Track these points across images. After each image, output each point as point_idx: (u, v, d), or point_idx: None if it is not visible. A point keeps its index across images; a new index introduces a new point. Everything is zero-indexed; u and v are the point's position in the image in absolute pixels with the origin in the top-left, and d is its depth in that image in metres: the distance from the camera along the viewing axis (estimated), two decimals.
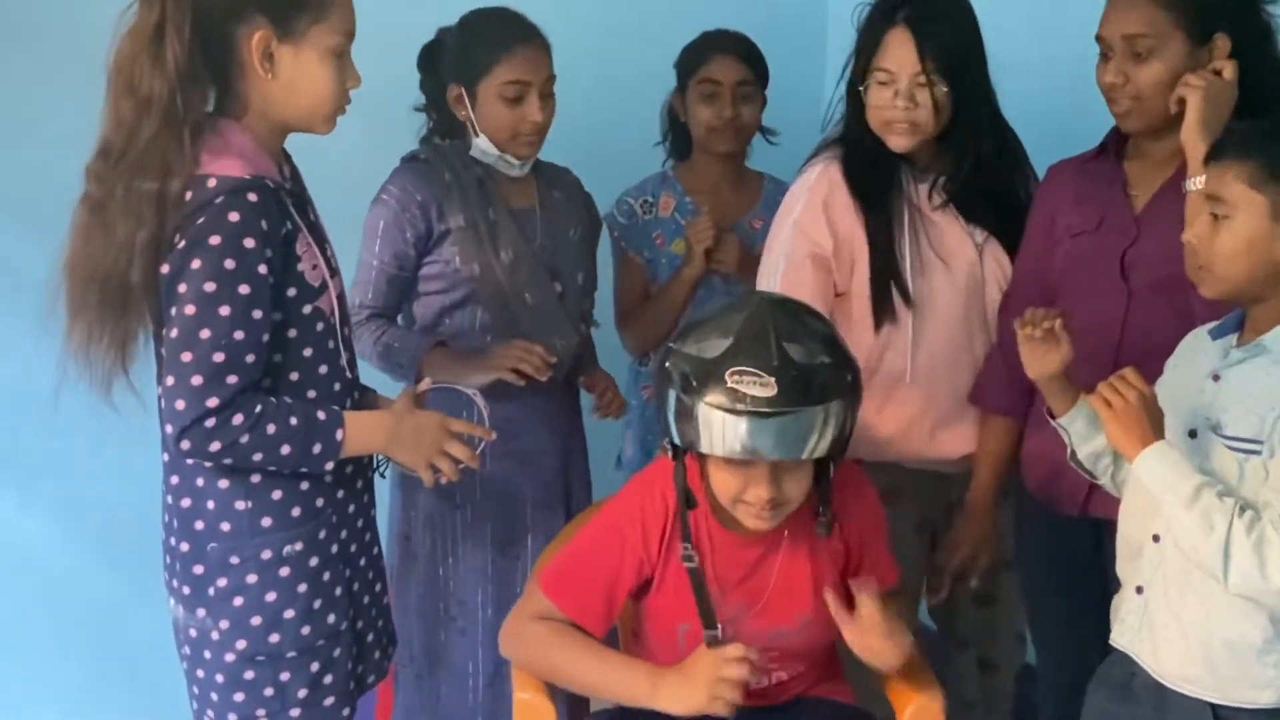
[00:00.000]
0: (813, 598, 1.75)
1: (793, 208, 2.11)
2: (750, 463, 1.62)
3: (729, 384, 1.58)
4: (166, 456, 1.68)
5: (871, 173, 2.07)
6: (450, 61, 2.19)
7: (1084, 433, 1.76)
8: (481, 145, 2.17)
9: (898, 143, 2.03)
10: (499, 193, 2.19)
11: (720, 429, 1.59)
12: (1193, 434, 1.64)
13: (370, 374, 1.96)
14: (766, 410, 1.57)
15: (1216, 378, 1.64)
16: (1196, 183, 1.70)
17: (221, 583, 1.64)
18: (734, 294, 2.28)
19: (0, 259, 2.26)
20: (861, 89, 2.04)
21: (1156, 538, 1.66)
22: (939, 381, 2.10)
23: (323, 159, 1.80)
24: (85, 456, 2.27)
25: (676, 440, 1.67)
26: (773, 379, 1.58)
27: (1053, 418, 1.79)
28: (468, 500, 2.20)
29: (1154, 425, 1.58)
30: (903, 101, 1.98)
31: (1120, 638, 1.73)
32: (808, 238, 2.08)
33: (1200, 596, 1.61)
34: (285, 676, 1.66)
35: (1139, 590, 1.70)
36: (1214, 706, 1.63)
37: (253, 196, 1.56)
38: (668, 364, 1.67)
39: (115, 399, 1.61)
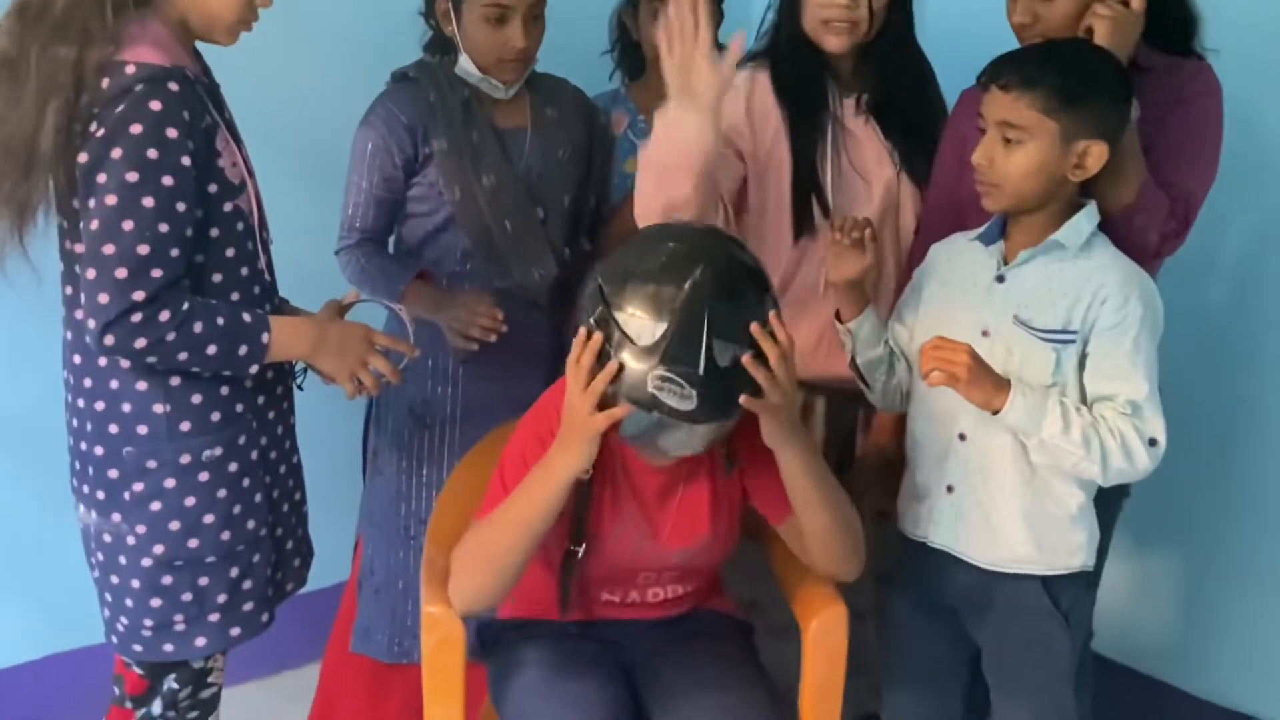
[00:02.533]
0: (711, 522, 1.77)
1: None
2: None
3: (649, 387, 1.51)
4: (78, 359, 1.62)
5: (800, 79, 2.10)
6: None
7: (868, 339, 1.88)
8: (465, 66, 2.11)
9: (834, 43, 2.04)
10: (486, 114, 2.13)
11: (634, 415, 1.55)
12: (986, 333, 1.77)
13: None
14: (682, 419, 1.53)
15: (1001, 279, 1.77)
16: None
17: (138, 487, 1.61)
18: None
19: None
20: None
21: (963, 436, 1.79)
22: None
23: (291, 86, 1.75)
24: None
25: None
26: (694, 392, 1.51)
27: (841, 322, 1.90)
28: (437, 420, 2.19)
29: (988, 373, 1.69)
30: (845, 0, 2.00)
31: (936, 536, 1.85)
32: (727, 137, 2.02)
33: (1019, 481, 1.76)
34: (204, 581, 1.64)
35: (949, 489, 1.83)
36: (1043, 580, 1.78)
37: (174, 86, 1.51)
38: (595, 316, 1.56)
39: (7, 271, 1.56)
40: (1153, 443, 1.69)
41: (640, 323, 1.53)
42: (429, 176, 2.11)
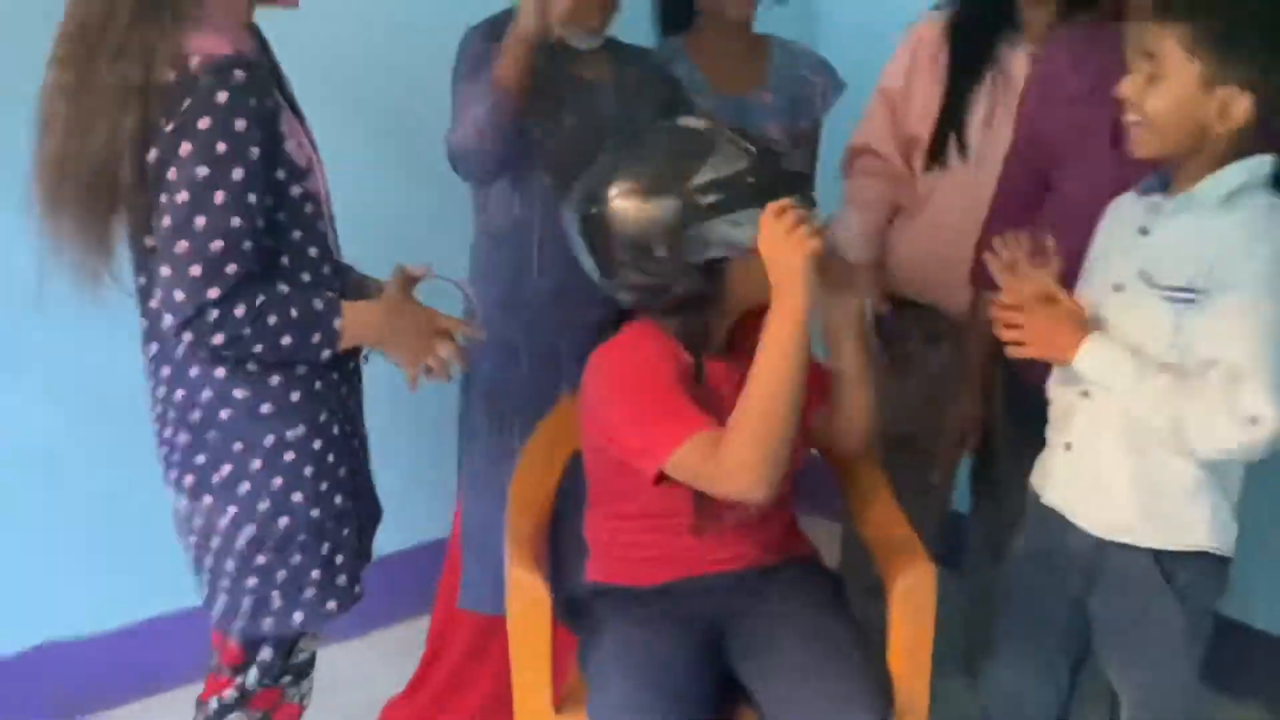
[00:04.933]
0: None
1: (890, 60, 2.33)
2: None
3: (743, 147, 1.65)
4: (154, 347, 1.64)
5: (977, 27, 2.17)
6: None
7: None
8: None
9: None
10: (568, 62, 2.09)
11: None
12: (1118, 288, 1.67)
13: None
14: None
15: (1145, 231, 1.66)
16: None
17: (225, 470, 1.63)
18: None
19: None
20: None
21: (1086, 393, 1.70)
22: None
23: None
24: (72, 339, 2.23)
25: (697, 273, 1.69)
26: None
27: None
28: (521, 376, 2.17)
29: (1062, 324, 1.63)
30: None
31: (1051, 494, 1.78)
32: (889, 79, 2.30)
33: (1133, 445, 1.65)
34: (297, 559, 1.67)
35: (1068, 447, 1.75)
36: (1155, 553, 1.68)
37: (239, 74, 1.50)
38: (633, 227, 1.67)
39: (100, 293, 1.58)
40: (1254, 421, 1.52)
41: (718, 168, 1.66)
42: None
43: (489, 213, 2.19)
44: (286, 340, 1.56)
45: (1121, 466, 1.67)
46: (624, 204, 1.69)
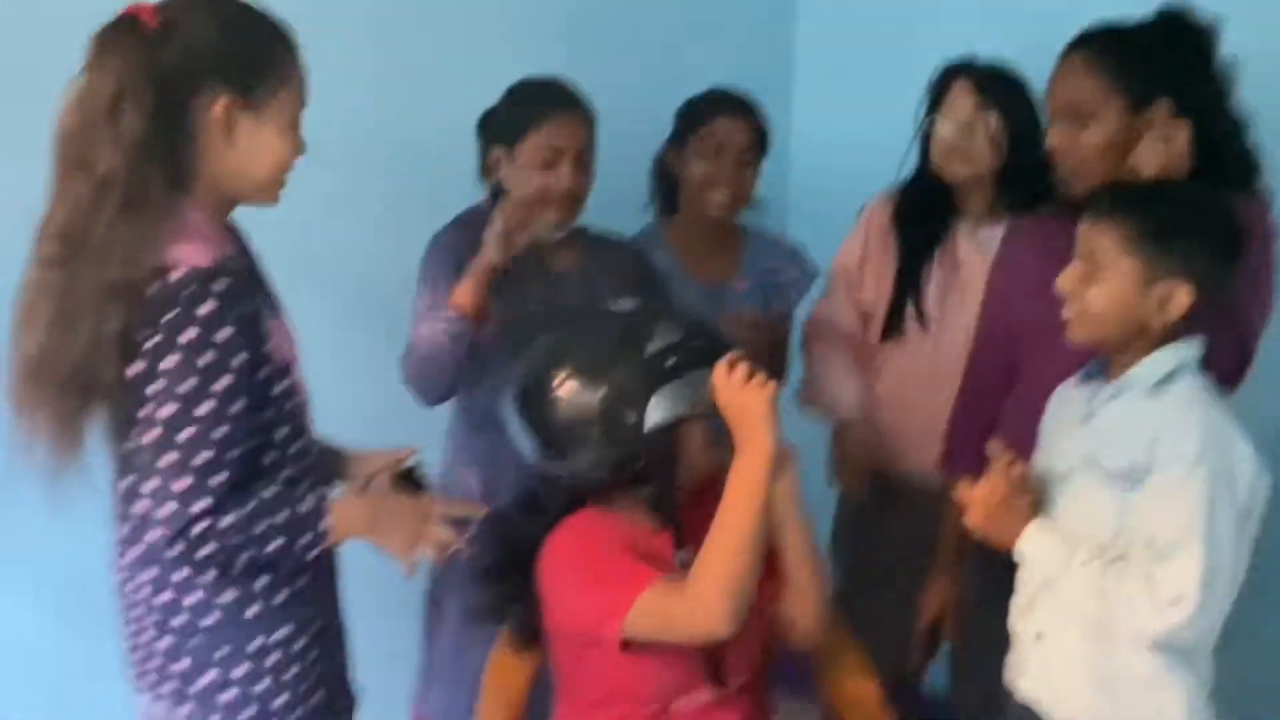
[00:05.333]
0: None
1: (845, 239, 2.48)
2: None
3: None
4: (135, 552, 1.61)
5: (922, 209, 2.34)
6: (494, 126, 2.19)
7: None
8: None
9: (953, 173, 2.29)
10: (537, 256, 2.15)
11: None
12: (1064, 476, 1.72)
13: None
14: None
15: (1088, 418, 1.71)
16: None
17: (208, 677, 1.60)
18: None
19: None
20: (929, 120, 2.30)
21: (1048, 580, 1.70)
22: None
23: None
24: (41, 529, 2.18)
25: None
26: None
27: None
28: None
29: (1013, 511, 1.67)
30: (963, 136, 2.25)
31: (1025, 688, 1.77)
32: (844, 255, 2.46)
33: (1093, 633, 1.65)
34: None
35: (1039, 637, 1.75)
36: None
37: (221, 284, 1.49)
38: (597, 400, 1.68)
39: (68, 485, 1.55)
40: (1175, 601, 1.52)
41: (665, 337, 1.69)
42: None
43: (459, 395, 2.21)
44: (274, 545, 1.55)
45: (1084, 658, 1.67)
46: (582, 380, 1.69)
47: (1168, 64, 1.83)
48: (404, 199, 2.51)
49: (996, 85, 2.29)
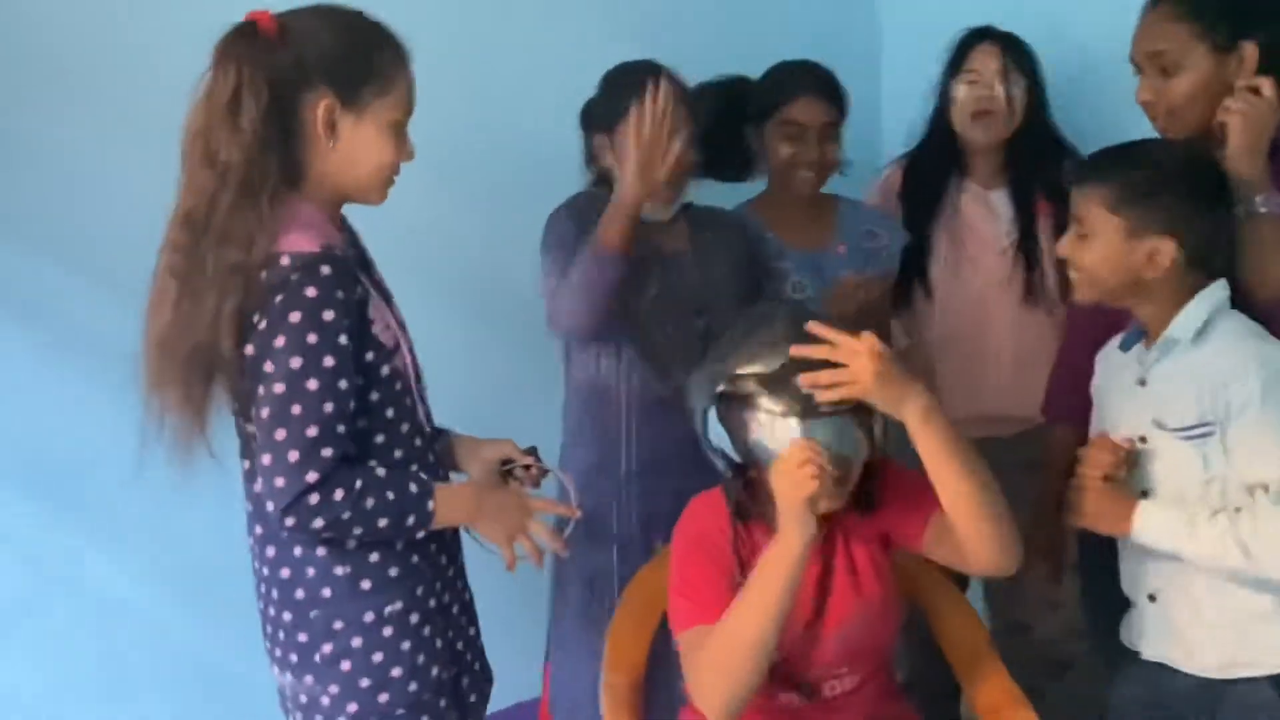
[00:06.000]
0: (873, 586, 1.79)
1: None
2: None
3: (801, 392, 1.65)
4: (259, 529, 1.70)
5: (931, 172, 2.37)
6: (594, 114, 2.24)
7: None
8: None
9: (979, 135, 2.30)
10: (648, 238, 2.17)
11: (783, 433, 1.67)
12: (1142, 440, 1.74)
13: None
14: (830, 411, 1.65)
15: (1143, 382, 1.76)
16: (1254, 204, 1.77)
17: (327, 648, 1.67)
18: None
19: (81, 322, 2.29)
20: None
21: (1174, 552, 1.70)
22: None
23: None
24: (176, 515, 2.30)
25: (735, 457, 1.76)
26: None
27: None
28: (616, 538, 2.22)
29: (1113, 498, 1.70)
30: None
31: (1149, 649, 1.79)
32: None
33: (1217, 584, 1.69)
34: None
35: (1152, 599, 1.77)
36: (1272, 679, 1.70)
37: (326, 269, 1.57)
38: (722, 386, 1.74)
39: (196, 464, 1.64)
40: None
41: (759, 362, 1.70)
42: None
43: (573, 375, 2.25)
44: (383, 522, 1.61)
45: (1212, 607, 1.71)
46: (707, 367, 1.80)
47: (1250, 4, 1.85)
48: (504, 198, 2.60)
49: (1019, 51, 2.38)
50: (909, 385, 1.61)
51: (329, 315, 1.57)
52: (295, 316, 1.56)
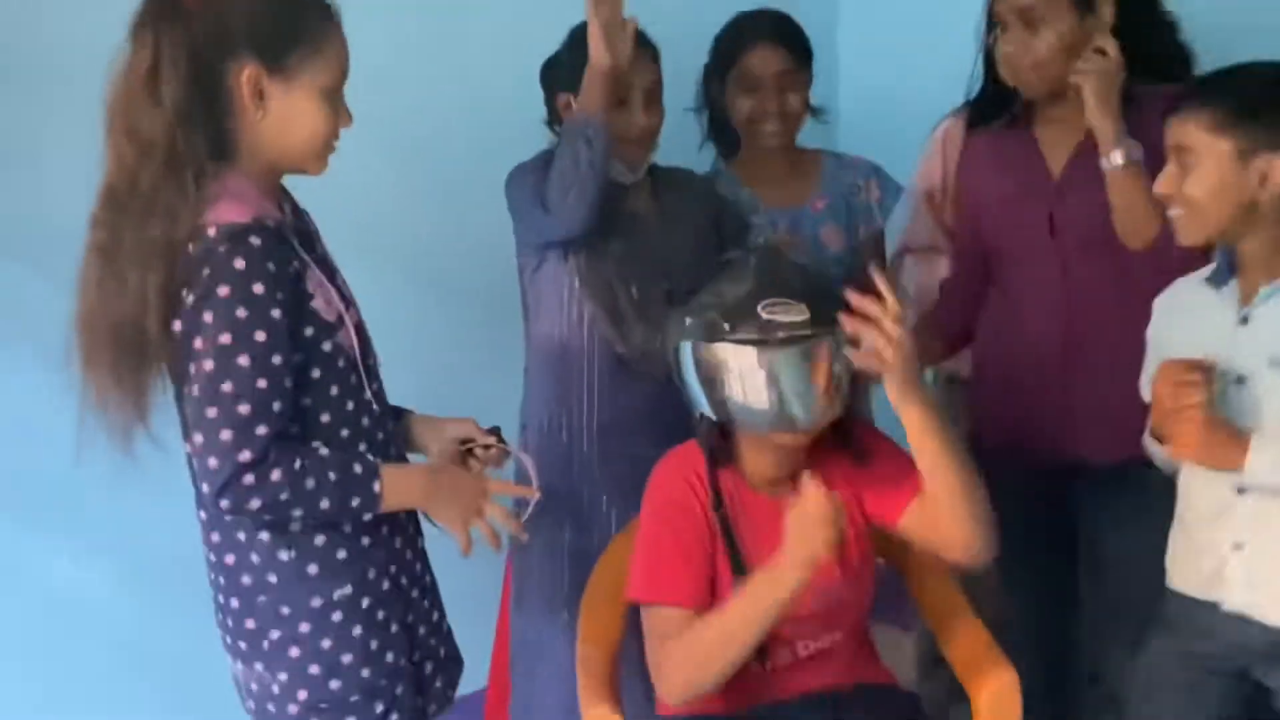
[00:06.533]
0: (852, 546, 1.76)
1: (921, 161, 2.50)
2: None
3: (761, 318, 1.66)
4: (204, 514, 1.65)
5: (988, 121, 2.25)
6: (559, 71, 2.18)
7: None
8: None
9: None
10: (614, 199, 2.13)
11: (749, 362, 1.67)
12: (1240, 380, 1.65)
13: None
14: (799, 329, 1.65)
15: (1245, 320, 1.65)
16: (1114, 158, 1.89)
17: (275, 635, 1.61)
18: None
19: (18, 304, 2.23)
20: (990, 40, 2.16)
21: (1242, 489, 1.64)
22: None
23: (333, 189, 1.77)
24: (125, 500, 2.24)
25: (706, 410, 1.74)
26: (801, 303, 1.67)
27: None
28: (574, 509, 2.18)
29: (1221, 431, 1.61)
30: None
31: (1232, 598, 1.70)
32: (925, 180, 2.47)
33: None
34: None
35: (1237, 547, 1.68)
36: None
37: (255, 240, 1.51)
38: (690, 319, 1.73)
39: (137, 450, 1.58)
40: None
41: (727, 294, 1.70)
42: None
43: (536, 332, 2.21)
44: (325, 504, 1.55)
45: None
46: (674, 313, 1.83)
47: None
48: (465, 170, 2.52)
49: None
50: (914, 374, 1.62)
51: (259, 288, 1.51)
52: (224, 290, 1.50)
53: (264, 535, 1.60)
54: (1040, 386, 2.10)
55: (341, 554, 1.62)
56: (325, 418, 1.61)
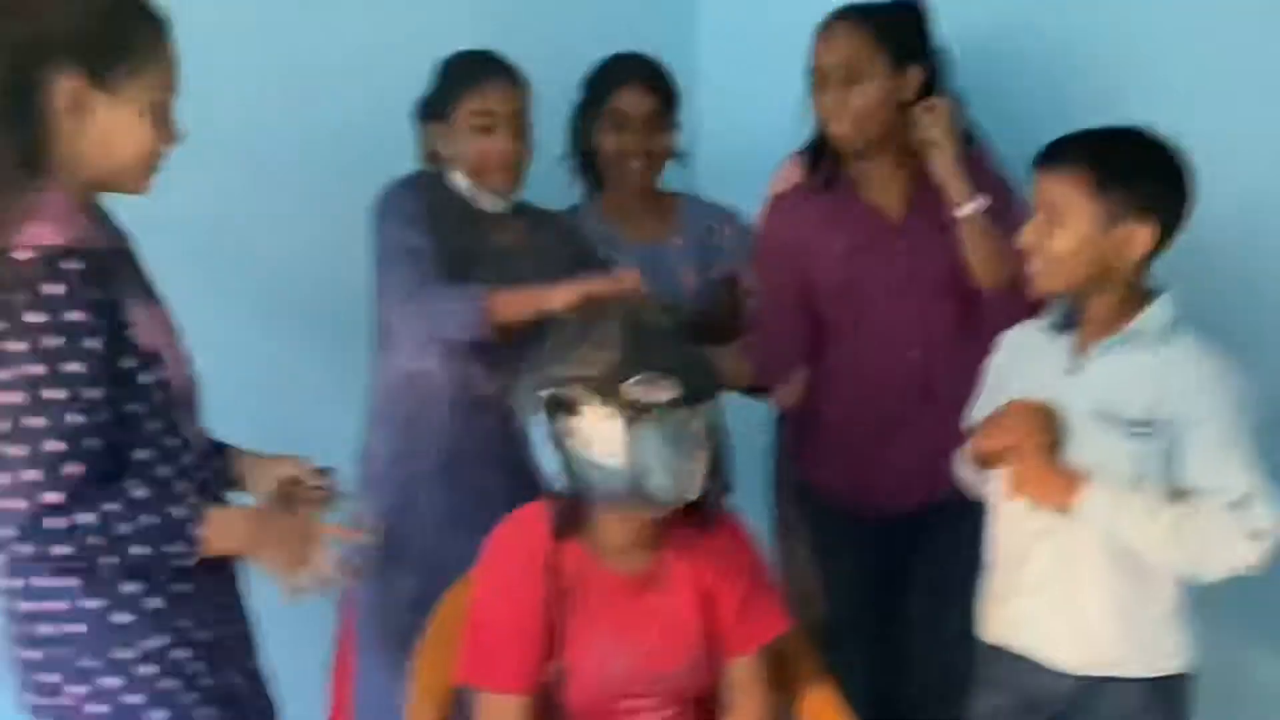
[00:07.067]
0: (697, 641, 1.71)
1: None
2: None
3: (629, 396, 1.56)
4: (4, 558, 1.51)
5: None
6: (428, 104, 2.17)
7: None
8: (456, 179, 2.13)
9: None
10: (482, 229, 2.13)
11: (612, 436, 1.58)
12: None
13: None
14: (674, 406, 1.58)
15: (1075, 371, 1.72)
16: (966, 209, 1.99)
17: (78, 690, 1.49)
18: None
19: None
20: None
21: (1044, 530, 1.71)
22: None
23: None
24: None
25: (561, 481, 1.64)
26: (674, 378, 1.58)
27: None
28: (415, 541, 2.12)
29: (1055, 470, 1.67)
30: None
31: (1021, 640, 1.76)
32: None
33: (1111, 576, 1.68)
34: None
35: (1034, 589, 1.74)
36: (1146, 683, 1.70)
37: (73, 265, 1.41)
38: (548, 391, 1.61)
39: None
40: (1258, 536, 1.60)
41: (591, 362, 1.58)
42: None
43: (388, 361, 2.16)
44: (140, 550, 1.45)
45: (1104, 601, 1.69)
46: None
47: (918, 35, 2.08)
48: (313, 193, 2.43)
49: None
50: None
51: (75, 316, 1.41)
52: (34, 318, 1.39)
53: (71, 581, 1.48)
54: (893, 424, 2.15)
55: (155, 602, 1.51)
56: (144, 455, 1.51)
